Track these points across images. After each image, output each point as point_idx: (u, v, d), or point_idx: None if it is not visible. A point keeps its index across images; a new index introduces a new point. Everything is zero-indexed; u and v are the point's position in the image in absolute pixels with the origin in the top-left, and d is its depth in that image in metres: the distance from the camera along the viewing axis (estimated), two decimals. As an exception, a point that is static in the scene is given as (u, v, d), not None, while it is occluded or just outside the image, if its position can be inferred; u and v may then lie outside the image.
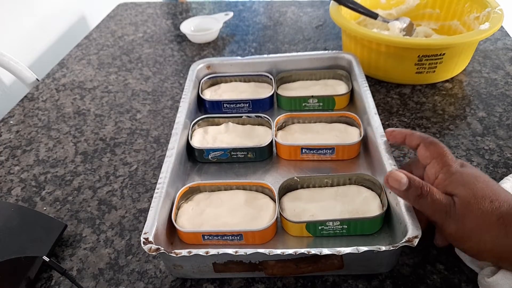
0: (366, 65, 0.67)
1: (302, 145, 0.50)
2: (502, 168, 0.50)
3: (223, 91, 0.62)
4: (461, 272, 0.39)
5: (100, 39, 0.89)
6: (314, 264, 0.37)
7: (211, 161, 0.52)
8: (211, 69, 0.64)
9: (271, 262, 0.37)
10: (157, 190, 0.42)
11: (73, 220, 0.48)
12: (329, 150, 0.49)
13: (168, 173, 0.44)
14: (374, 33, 0.61)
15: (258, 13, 0.97)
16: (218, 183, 0.46)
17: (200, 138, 0.53)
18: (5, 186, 0.53)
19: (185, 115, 0.53)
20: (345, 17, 0.67)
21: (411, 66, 0.62)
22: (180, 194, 0.45)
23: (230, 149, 0.50)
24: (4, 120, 0.65)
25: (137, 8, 1.03)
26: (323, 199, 0.44)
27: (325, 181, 0.45)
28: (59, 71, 0.77)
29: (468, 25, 0.69)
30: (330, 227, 0.40)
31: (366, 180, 0.44)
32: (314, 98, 0.57)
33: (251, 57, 0.64)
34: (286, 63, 0.63)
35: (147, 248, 0.36)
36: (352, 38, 0.67)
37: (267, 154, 0.52)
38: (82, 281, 0.41)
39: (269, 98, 0.59)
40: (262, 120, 0.54)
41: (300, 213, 0.42)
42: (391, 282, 0.39)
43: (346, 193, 0.44)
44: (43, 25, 0.93)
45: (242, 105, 0.59)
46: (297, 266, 0.37)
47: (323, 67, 0.63)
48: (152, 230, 0.38)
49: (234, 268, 0.38)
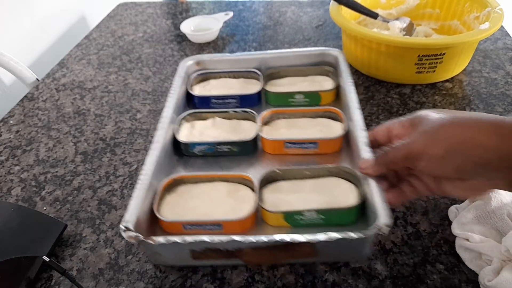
0: (366, 65, 0.68)
1: (285, 139, 0.50)
2: (502, 168, 0.50)
3: (212, 87, 0.63)
4: (461, 272, 0.39)
5: (100, 39, 0.89)
6: (288, 251, 0.38)
7: (197, 155, 0.52)
8: (200, 65, 0.65)
9: (247, 250, 0.38)
10: (140, 181, 0.42)
11: (73, 220, 0.48)
12: (312, 144, 0.50)
13: (152, 165, 0.45)
14: (374, 33, 0.61)
15: (258, 13, 0.97)
16: (201, 176, 0.47)
17: (187, 133, 0.54)
18: (5, 186, 0.53)
19: (172, 109, 0.54)
20: (345, 17, 0.67)
21: (411, 66, 0.62)
22: (164, 186, 0.45)
23: (215, 143, 0.51)
24: (4, 120, 0.65)
25: (137, 8, 1.03)
26: (302, 191, 0.44)
27: (306, 173, 0.46)
28: (59, 71, 0.77)
29: (468, 25, 0.69)
30: (308, 217, 0.41)
31: (345, 173, 0.45)
32: (300, 94, 0.58)
33: (240, 54, 0.65)
34: (275, 60, 0.64)
35: (127, 235, 0.37)
36: (352, 38, 0.67)
37: (252, 148, 0.52)
38: (82, 281, 0.41)
39: (257, 94, 0.59)
40: (249, 115, 0.55)
41: (280, 204, 0.43)
42: (391, 282, 0.39)
43: (325, 185, 0.45)
44: (43, 25, 0.93)
45: (230, 100, 0.59)
46: (272, 253, 0.38)
47: (310, 63, 0.64)
48: (133, 219, 0.38)
49: (211, 255, 0.39)
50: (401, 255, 0.41)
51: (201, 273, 0.41)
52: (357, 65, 0.70)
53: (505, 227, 0.40)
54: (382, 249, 0.42)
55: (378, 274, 0.40)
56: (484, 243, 0.38)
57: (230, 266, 0.41)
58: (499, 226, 0.40)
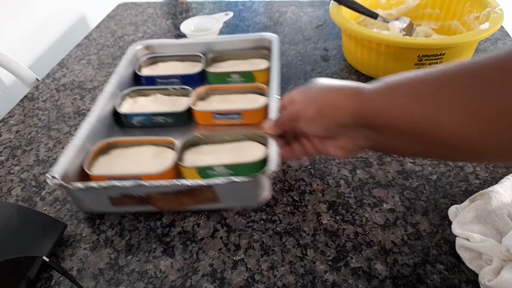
0: (366, 65, 0.67)
1: (213, 111, 0.57)
2: (502, 168, 0.50)
3: (159, 69, 0.69)
4: (461, 273, 0.39)
5: (100, 39, 0.89)
6: (192, 196, 0.44)
7: (136, 126, 0.59)
8: (149, 49, 0.71)
9: (156, 196, 0.44)
10: (71, 142, 0.49)
11: (73, 220, 0.48)
12: (237, 115, 0.57)
13: (85, 129, 0.51)
14: (374, 33, 0.61)
15: (258, 13, 0.97)
16: (132, 140, 0.53)
17: (129, 106, 0.60)
18: (5, 186, 0.53)
19: (115, 86, 0.60)
20: (345, 17, 0.67)
21: (411, 66, 0.62)
22: (98, 148, 0.51)
23: (151, 114, 0.58)
24: (4, 120, 0.65)
25: (137, 8, 1.03)
26: (220, 152, 0.50)
27: (225, 138, 0.52)
28: (59, 71, 0.77)
29: (468, 25, 0.69)
30: (218, 171, 0.47)
31: (259, 136, 0.51)
32: (236, 73, 0.65)
33: (186, 39, 0.72)
34: (218, 44, 0.70)
35: (50, 182, 0.42)
36: (352, 38, 0.67)
37: (185, 120, 0.58)
38: (82, 281, 0.41)
39: (198, 74, 0.65)
40: (186, 92, 0.61)
41: (197, 162, 0.49)
42: (391, 282, 0.39)
43: (240, 147, 0.51)
44: (43, 25, 0.93)
45: (173, 80, 0.65)
46: (178, 198, 0.44)
47: (250, 47, 0.70)
48: (59, 170, 0.44)
49: (127, 201, 0.44)
50: (401, 255, 0.41)
51: (201, 273, 0.41)
52: (357, 65, 0.70)
53: (506, 227, 0.40)
54: (382, 249, 0.42)
55: (378, 274, 0.40)
56: (484, 242, 0.38)
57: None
58: (499, 226, 0.40)
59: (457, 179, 0.49)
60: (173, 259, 0.42)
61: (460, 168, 0.50)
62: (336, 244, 0.43)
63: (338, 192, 0.49)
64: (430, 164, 0.51)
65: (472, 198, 0.43)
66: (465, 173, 0.50)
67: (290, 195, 0.49)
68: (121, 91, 0.61)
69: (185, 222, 0.46)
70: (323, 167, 0.52)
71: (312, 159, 0.53)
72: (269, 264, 0.41)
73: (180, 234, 0.45)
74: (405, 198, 0.47)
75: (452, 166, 0.51)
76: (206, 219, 0.46)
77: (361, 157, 0.53)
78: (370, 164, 0.52)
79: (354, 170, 0.51)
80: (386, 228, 0.44)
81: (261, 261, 0.42)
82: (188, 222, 0.46)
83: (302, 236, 0.44)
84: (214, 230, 0.45)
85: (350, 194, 0.48)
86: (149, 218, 0.47)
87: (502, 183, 0.44)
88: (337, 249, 0.42)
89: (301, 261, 0.41)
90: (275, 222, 0.46)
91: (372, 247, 0.42)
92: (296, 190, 0.49)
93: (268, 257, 0.42)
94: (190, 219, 0.47)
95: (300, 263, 0.41)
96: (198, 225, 0.46)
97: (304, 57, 0.76)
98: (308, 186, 0.50)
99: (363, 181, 0.50)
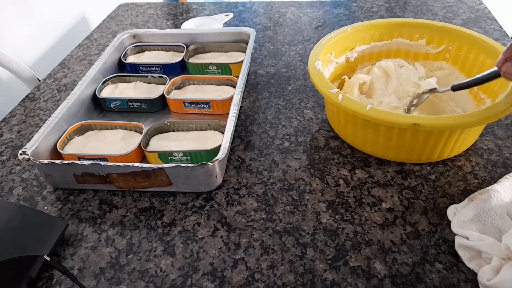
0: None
1: (184, 99, 0.61)
2: (501, 168, 0.50)
3: (145, 57, 0.74)
4: (460, 272, 0.39)
5: (101, 39, 0.89)
6: (148, 179, 0.47)
7: (114, 110, 0.63)
8: (136, 38, 0.77)
9: (114, 175, 0.47)
10: (47, 122, 0.53)
11: (74, 219, 0.48)
12: (206, 105, 0.60)
13: (61, 110, 0.55)
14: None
15: (258, 14, 0.97)
16: (105, 123, 0.57)
17: (109, 91, 0.64)
18: (6, 185, 0.53)
19: (97, 71, 0.64)
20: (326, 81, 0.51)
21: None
22: (73, 129, 0.56)
23: (127, 99, 0.62)
24: (5, 120, 0.66)
25: (138, 8, 1.03)
26: (184, 140, 0.54)
27: (190, 126, 0.56)
28: (60, 71, 0.78)
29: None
30: (177, 157, 0.51)
31: (221, 127, 0.54)
32: (213, 65, 0.69)
33: (171, 30, 0.77)
34: (201, 36, 0.75)
35: (21, 157, 0.47)
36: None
37: (159, 106, 0.62)
38: (83, 280, 0.41)
39: (178, 64, 0.70)
40: (164, 80, 0.66)
41: (162, 148, 0.52)
42: (390, 281, 0.39)
43: (204, 136, 0.55)
44: (45, 25, 0.93)
45: (155, 68, 0.71)
46: (135, 180, 0.47)
47: (230, 40, 0.75)
48: (31, 148, 0.48)
49: (90, 179, 0.48)
50: (400, 254, 0.41)
51: (202, 272, 0.41)
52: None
53: (506, 225, 0.40)
54: (381, 248, 0.42)
55: (377, 273, 0.40)
56: (484, 241, 0.38)
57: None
58: (499, 224, 0.40)
59: (456, 179, 0.49)
60: (174, 258, 0.43)
61: (459, 168, 0.51)
62: (336, 243, 0.43)
63: (338, 191, 0.49)
64: (428, 164, 0.51)
65: (471, 197, 0.43)
66: (464, 172, 0.50)
67: (289, 195, 0.49)
68: (104, 77, 0.66)
69: (185, 221, 0.46)
70: (323, 166, 0.52)
71: (311, 159, 0.54)
72: (269, 263, 0.42)
73: (181, 233, 0.45)
74: (404, 197, 0.47)
75: (451, 165, 0.51)
76: (207, 218, 0.47)
77: (360, 156, 0.53)
78: (369, 163, 0.52)
79: (353, 169, 0.52)
80: (385, 227, 0.44)
81: (261, 260, 0.42)
82: (189, 221, 0.47)
83: (302, 235, 0.44)
84: (215, 229, 0.45)
85: (349, 193, 0.48)
86: (150, 217, 0.47)
87: (501, 182, 0.44)
88: (337, 248, 0.42)
89: (300, 260, 0.42)
90: (275, 221, 0.46)
91: (371, 246, 0.42)
92: (295, 189, 0.50)
93: (268, 256, 0.42)
94: (191, 218, 0.47)
95: (299, 262, 0.41)
96: (198, 224, 0.46)
97: (304, 58, 0.76)
98: (307, 185, 0.50)
99: (362, 181, 0.50)
